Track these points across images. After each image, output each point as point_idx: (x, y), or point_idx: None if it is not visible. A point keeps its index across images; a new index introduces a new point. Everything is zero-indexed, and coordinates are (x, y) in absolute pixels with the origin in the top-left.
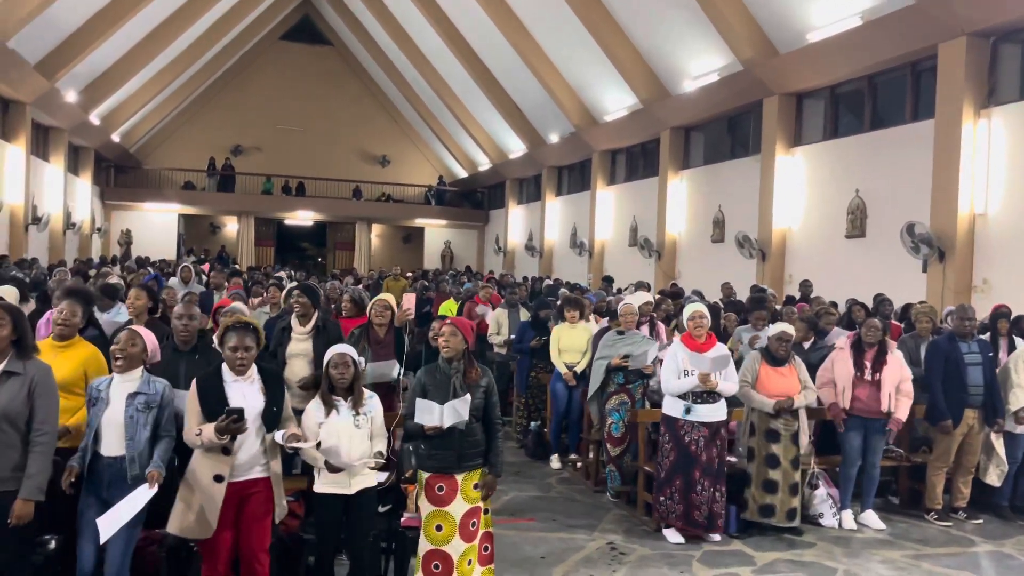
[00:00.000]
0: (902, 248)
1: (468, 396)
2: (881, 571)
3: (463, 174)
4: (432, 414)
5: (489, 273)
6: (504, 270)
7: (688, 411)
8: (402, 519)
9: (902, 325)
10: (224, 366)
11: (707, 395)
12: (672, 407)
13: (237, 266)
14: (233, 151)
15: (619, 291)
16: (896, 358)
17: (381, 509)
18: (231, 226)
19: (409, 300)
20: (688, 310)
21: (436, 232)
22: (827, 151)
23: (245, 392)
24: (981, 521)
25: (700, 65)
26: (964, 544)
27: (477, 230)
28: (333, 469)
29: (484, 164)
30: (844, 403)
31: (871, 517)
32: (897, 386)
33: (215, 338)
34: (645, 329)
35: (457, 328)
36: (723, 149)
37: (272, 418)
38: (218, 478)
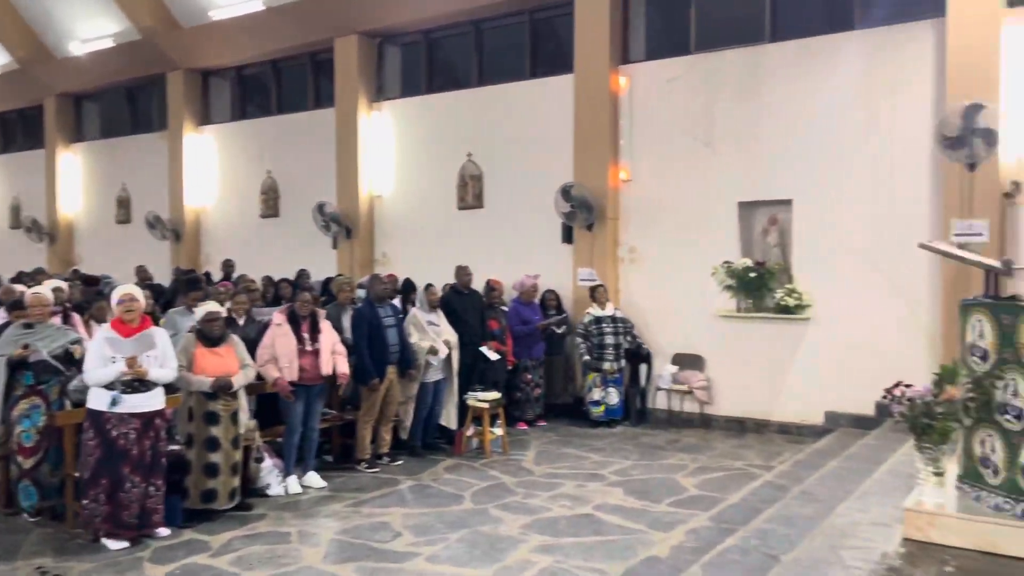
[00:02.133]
0: (314, 226)
1: None
2: (329, 524)
3: None
4: None
5: None
6: None
7: (115, 402)
8: None
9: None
10: None
11: (139, 384)
12: (97, 400)
13: None
14: None
15: None
16: (327, 325)
17: None
18: None
19: None
20: (117, 293)
21: None
22: (238, 131)
23: None
24: (401, 461)
25: (91, 28)
26: (392, 484)
27: None
28: None
29: None
30: (293, 375)
31: (313, 478)
32: (332, 348)
33: None
34: (58, 320)
35: None
36: (124, 123)
37: None
38: None
